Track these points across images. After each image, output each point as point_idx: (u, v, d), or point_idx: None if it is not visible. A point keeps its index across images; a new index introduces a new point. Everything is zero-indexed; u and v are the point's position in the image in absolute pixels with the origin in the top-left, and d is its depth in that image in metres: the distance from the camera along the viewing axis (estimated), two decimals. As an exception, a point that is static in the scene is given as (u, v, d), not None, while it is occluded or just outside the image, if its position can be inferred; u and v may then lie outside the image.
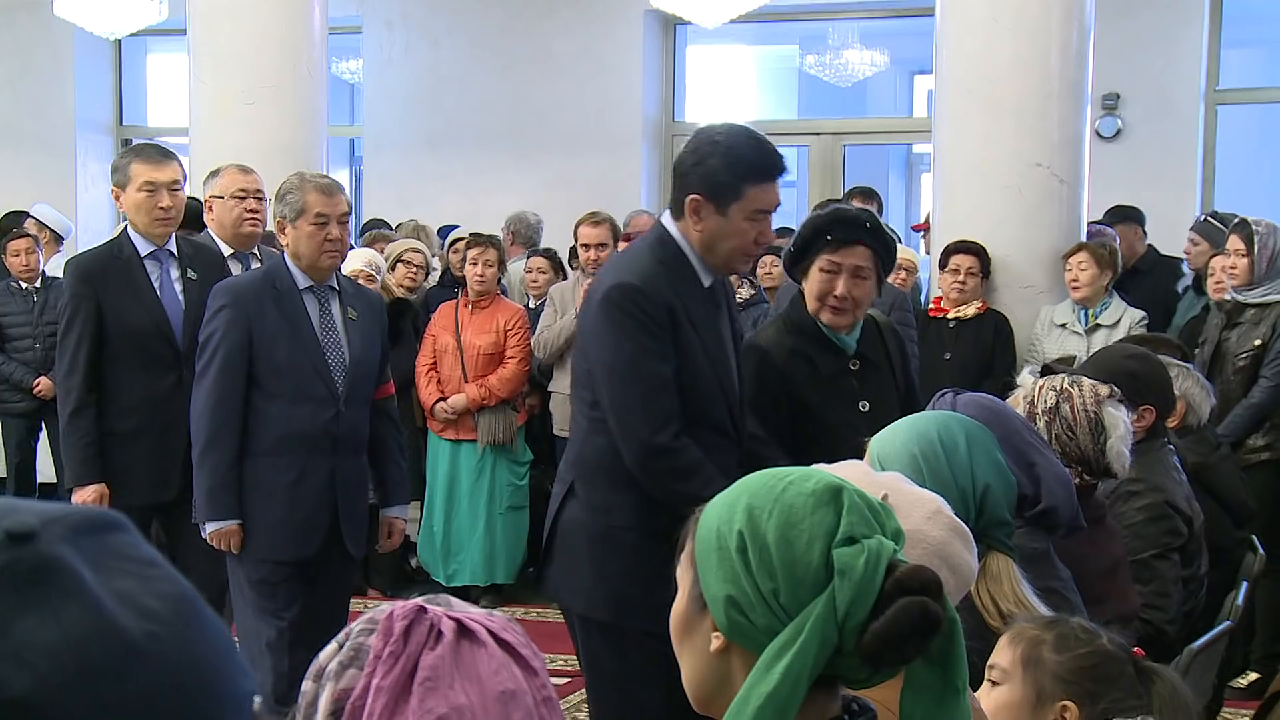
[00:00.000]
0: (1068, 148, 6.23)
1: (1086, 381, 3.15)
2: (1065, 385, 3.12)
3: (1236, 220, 5.90)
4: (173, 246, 4.74)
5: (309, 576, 4.25)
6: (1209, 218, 6.91)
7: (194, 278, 4.73)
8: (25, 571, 0.73)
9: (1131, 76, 8.81)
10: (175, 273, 4.73)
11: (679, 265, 3.31)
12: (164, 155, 4.77)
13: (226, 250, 5.12)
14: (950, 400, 2.76)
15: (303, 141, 7.06)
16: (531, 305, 7.57)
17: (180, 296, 4.70)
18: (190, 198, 5.18)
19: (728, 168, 3.25)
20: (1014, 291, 6.34)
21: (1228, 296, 5.82)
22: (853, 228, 3.65)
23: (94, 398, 4.59)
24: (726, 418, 3.38)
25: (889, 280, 6.30)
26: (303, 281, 4.23)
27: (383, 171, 10.15)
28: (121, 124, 10.87)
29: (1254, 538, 4.21)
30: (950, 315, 6.27)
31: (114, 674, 0.74)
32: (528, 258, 7.77)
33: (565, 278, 7.54)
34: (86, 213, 10.49)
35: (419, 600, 1.32)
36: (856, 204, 7.34)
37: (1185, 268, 7.24)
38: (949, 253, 6.23)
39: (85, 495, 4.57)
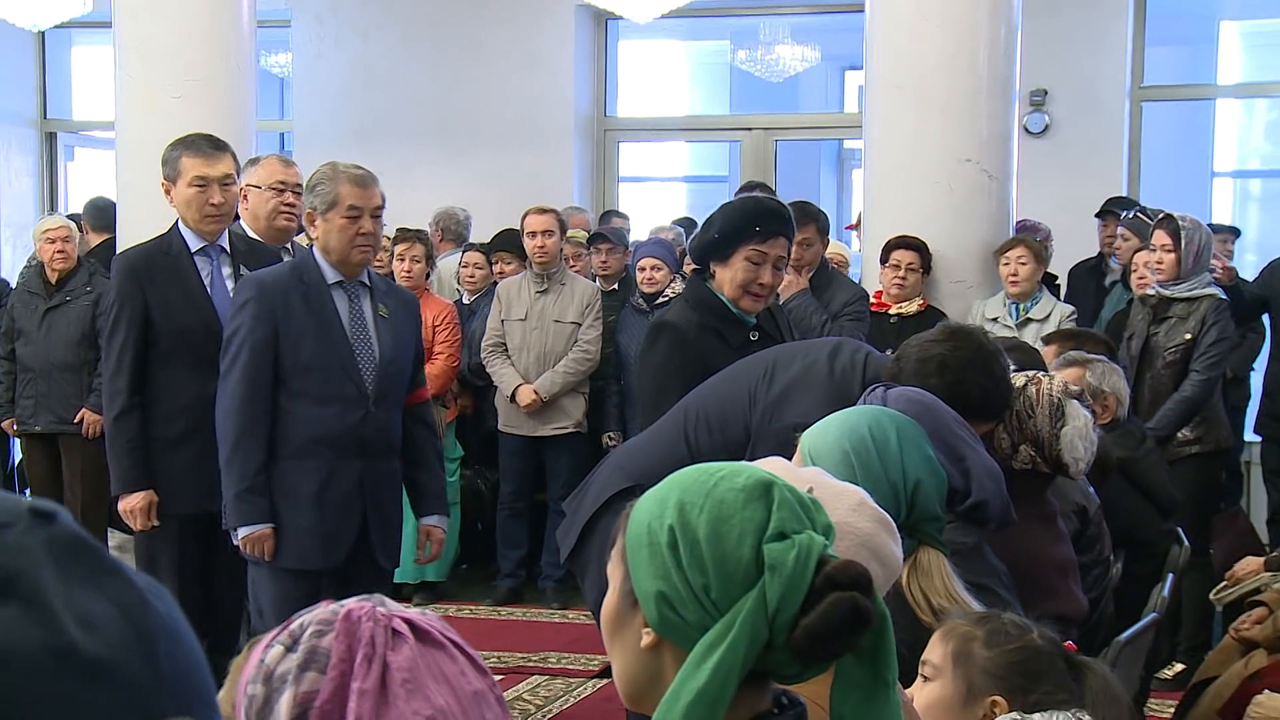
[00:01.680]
0: (997, 143, 6.28)
1: (1060, 377, 3.22)
2: (1039, 375, 3.18)
3: (1161, 216, 5.97)
4: (225, 242, 4.52)
5: (335, 589, 4.01)
6: (1138, 213, 7.00)
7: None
8: (66, 546, 0.75)
9: (1059, 73, 8.90)
10: (227, 270, 4.50)
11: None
12: (216, 148, 4.54)
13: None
14: (881, 395, 2.77)
15: (231, 136, 6.87)
16: (466, 301, 7.54)
17: (231, 295, 4.43)
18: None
19: (949, 400, 3.44)
20: (945, 286, 6.37)
21: (1151, 291, 5.89)
22: (778, 220, 3.87)
23: (140, 400, 4.37)
24: None
25: (844, 274, 6.35)
26: (332, 276, 4.05)
27: (313, 167, 10.02)
28: (46, 117, 10.69)
29: (1179, 530, 4.26)
30: (891, 311, 6.27)
31: (165, 637, 0.76)
32: (464, 251, 7.73)
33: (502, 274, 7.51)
34: (11, 207, 10.32)
35: (353, 602, 1.30)
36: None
37: (1113, 262, 7.32)
38: (890, 248, 6.24)
39: (133, 503, 4.36)
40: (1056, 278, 7.23)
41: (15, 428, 7.17)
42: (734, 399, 3.36)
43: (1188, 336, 5.71)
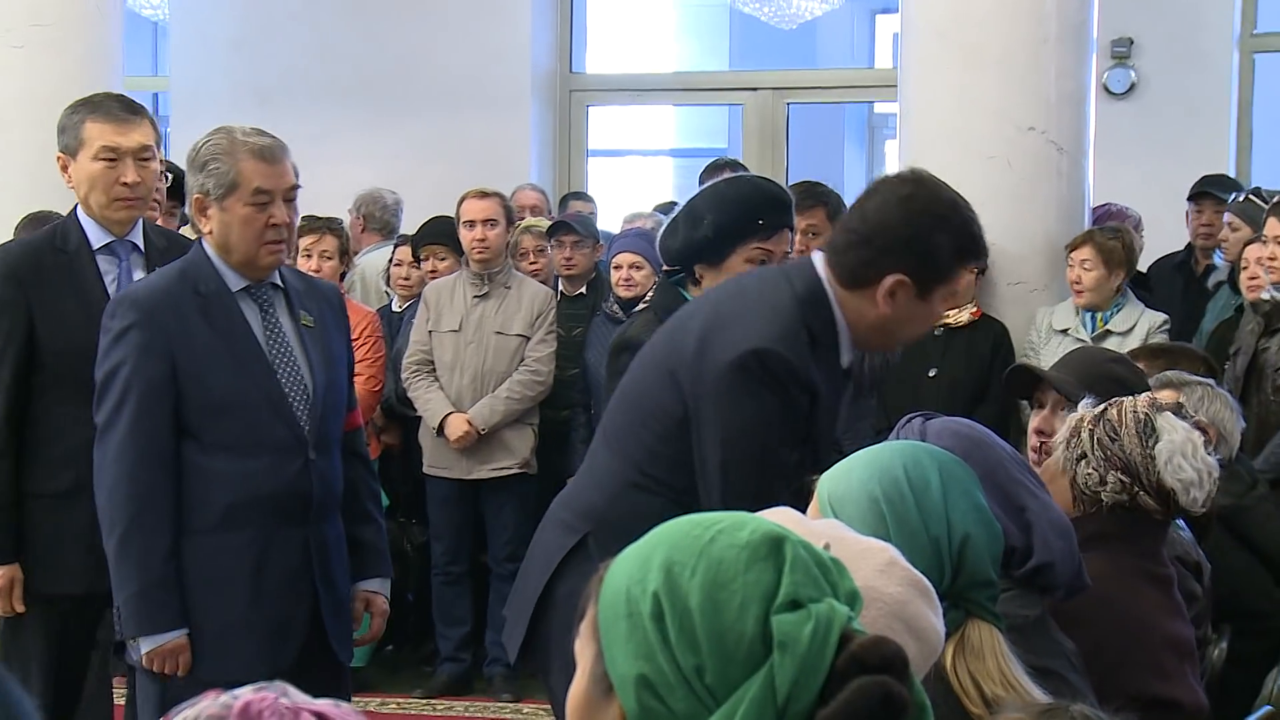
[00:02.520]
0: (1068, 107, 6.30)
1: (1145, 394, 3.22)
2: (1122, 398, 3.18)
3: (1276, 200, 6.00)
4: (138, 237, 4.38)
5: None
6: (1250, 195, 7.03)
7: (147, 276, 4.27)
8: None
9: (1148, 18, 8.96)
10: (139, 273, 4.32)
11: (826, 334, 3.35)
12: (130, 111, 4.39)
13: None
14: (919, 427, 2.76)
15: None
16: (397, 308, 7.53)
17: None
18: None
19: (960, 250, 3.35)
20: (1002, 289, 6.38)
21: (1265, 295, 5.91)
22: (785, 210, 3.88)
23: (14, 443, 4.21)
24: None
25: None
26: (236, 283, 3.87)
27: (197, 135, 10.03)
28: None
29: (1301, 599, 4.26)
30: (937, 321, 6.25)
31: None
32: (395, 246, 7.73)
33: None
34: None
35: (249, 690, 1.33)
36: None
37: (1218, 258, 7.35)
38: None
39: None
40: (1148, 278, 7.25)
41: None
42: (653, 382, 3.41)
43: (1303, 353, 5.72)
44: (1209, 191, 7.53)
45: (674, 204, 8.72)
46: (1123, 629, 2.87)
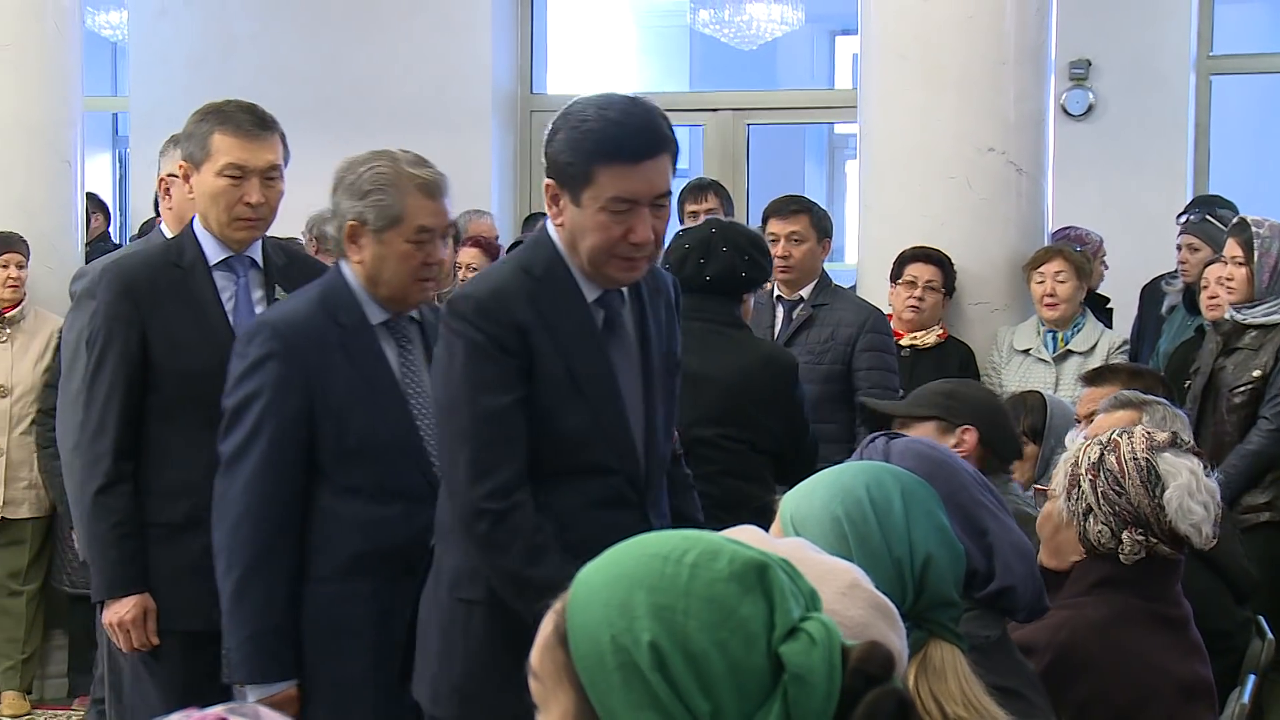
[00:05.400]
0: (1027, 128, 6.33)
1: (1140, 430, 3.19)
2: (1114, 436, 3.15)
3: (1235, 221, 6.02)
4: (256, 253, 4.18)
5: None
6: (1208, 216, 7.05)
7: (284, 299, 4.11)
8: None
9: (1105, 40, 9.00)
10: (257, 291, 4.16)
11: (553, 274, 3.29)
12: (261, 125, 4.14)
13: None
14: (883, 447, 2.76)
15: (49, 116, 6.94)
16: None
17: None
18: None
19: (572, 145, 3.22)
20: (964, 309, 6.40)
21: (1226, 315, 5.93)
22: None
23: (130, 469, 4.02)
24: (614, 466, 3.33)
25: (860, 296, 6.32)
26: (376, 316, 3.71)
27: (156, 156, 10.00)
28: None
29: (1260, 619, 4.27)
30: (904, 341, 6.25)
31: None
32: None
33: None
34: None
35: (220, 710, 1.32)
36: (691, 208, 7.45)
37: (1174, 280, 7.37)
38: (903, 261, 6.25)
39: (122, 612, 3.99)
40: (1108, 300, 7.27)
41: None
42: None
43: (1257, 373, 5.69)
44: (1200, 211, 7.46)
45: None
46: (1131, 675, 2.87)
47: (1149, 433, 3.15)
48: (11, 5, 6.83)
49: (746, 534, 1.88)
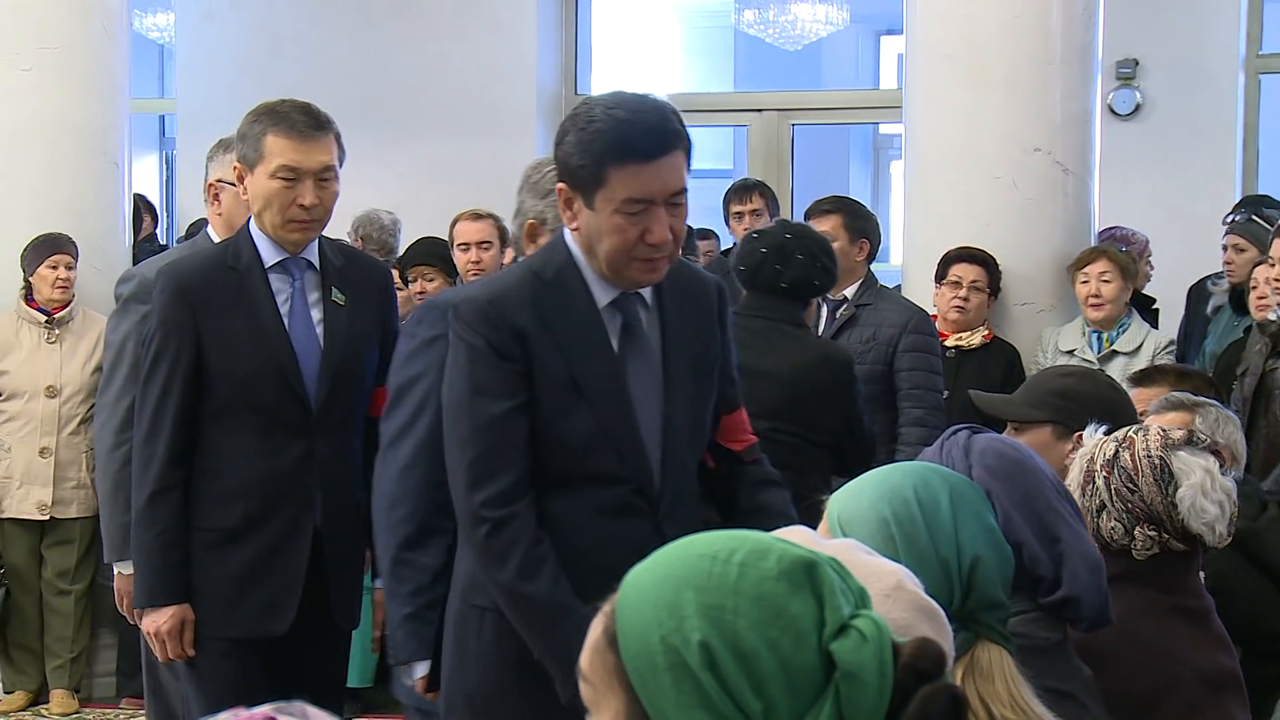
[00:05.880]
0: (1073, 128, 6.31)
1: (1156, 428, 3.17)
2: (1129, 434, 3.13)
3: (1281, 221, 5.99)
4: (312, 254, 4.11)
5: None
6: (1254, 216, 7.02)
7: (341, 301, 4.09)
8: None
9: (1153, 39, 8.96)
10: (314, 294, 4.09)
11: (562, 278, 3.24)
12: (316, 126, 4.05)
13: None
14: (964, 442, 2.75)
15: (97, 118, 6.97)
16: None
17: (319, 328, 4.06)
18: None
19: (581, 147, 3.15)
20: (1011, 310, 6.39)
21: (1273, 316, 5.90)
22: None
23: (181, 476, 3.96)
24: (622, 474, 3.26)
25: (905, 297, 6.30)
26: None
27: (203, 158, 10.03)
28: None
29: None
30: (949, 343, 6.23)
31: None
32: (393, 267, 7.71)
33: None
34: None
35: (268, 709, 1.32)
36: (737, 209, 7.43)
37: (1221, 280, 7.34)
38: (948, 261, 6.24)
39: (159, 621, 3.97)
40: (1154, 301, 7.24)
41: None
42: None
43: (1309, 374, 5.70)
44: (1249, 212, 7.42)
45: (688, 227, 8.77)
46: (1153, 667, 2.86)
47: (1164, 430, 3.13)
48: (60, 8, 6.87)
49: (796, 534, 1.88)
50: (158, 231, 9.76)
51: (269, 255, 4.04)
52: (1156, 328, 6.80)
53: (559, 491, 3.22)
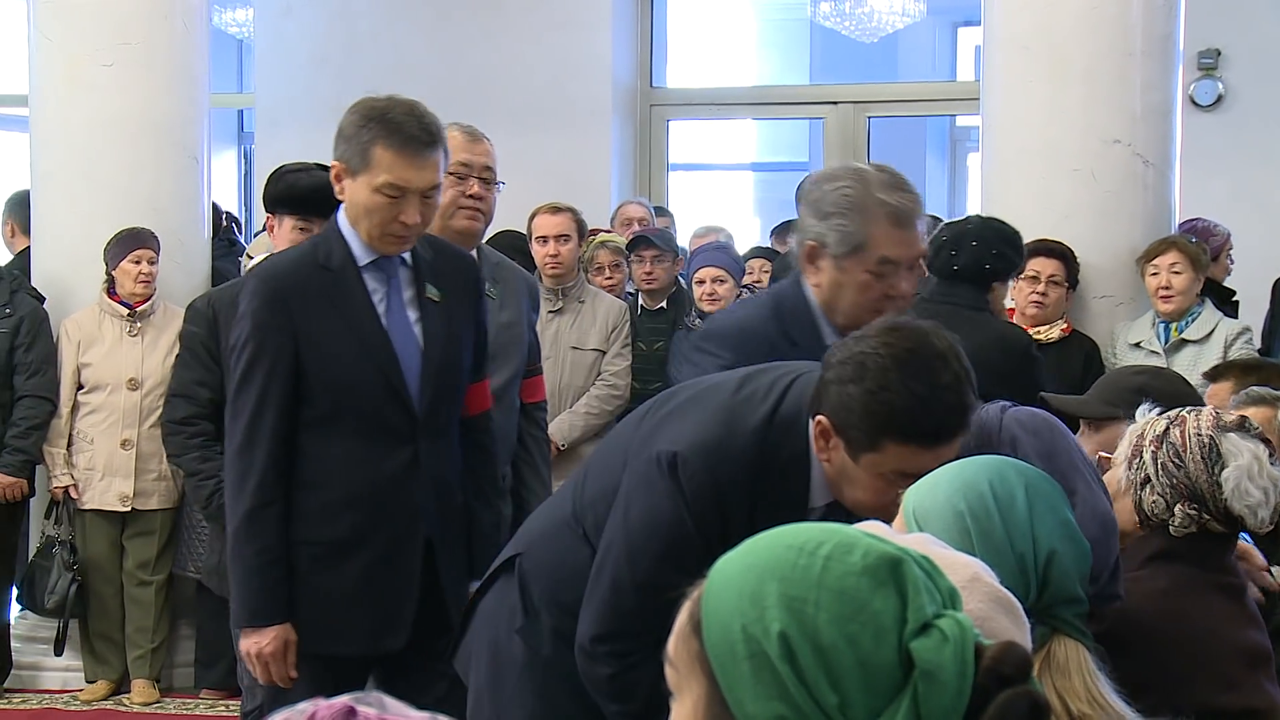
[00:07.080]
0: (1154, 120, 6.26)
1: (1209, 409, 3.18)
2: (1181, 412, 3.15)
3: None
4: (405, 252, 3.92)
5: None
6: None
7: (436, 298, 3.91)
8: None
9: (1235, 29, 8.88)
10: (408, 292, 3.91)
11: (794, 468, 2.94)
12: (427, 141, 3.80)
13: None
14: (997, 412, 2.78)
15: (176, 114, 7.04)
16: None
17: (416, 328, 3.88)
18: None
19: (868, 412, 2.75)
20: (1089, 304, 6.35)
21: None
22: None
23: (282, 490, 3.77)
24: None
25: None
26: (829, 336, 3.40)
27: (281, 152, 10.06)
28: (-57, 92, 10.84)
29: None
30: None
31: None
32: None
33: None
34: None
35: (347, 700, 1.31)
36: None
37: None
38: (1026, 255, 6.21)
39: (262, 643, 3.77)
40: (1234, 293, 7.18)
41: None
42: (615, 440, 3.21)
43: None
44: None
45: (761, 248, 8.74)
46: (1189, 643, 2.85)
47: (1217, 412, 3.14)
48: (140, 4, 6.94)
49: (873, 528, 1.88)
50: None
51: (362, 254, 3.85)
52: (1236, 319, 6.73)
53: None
